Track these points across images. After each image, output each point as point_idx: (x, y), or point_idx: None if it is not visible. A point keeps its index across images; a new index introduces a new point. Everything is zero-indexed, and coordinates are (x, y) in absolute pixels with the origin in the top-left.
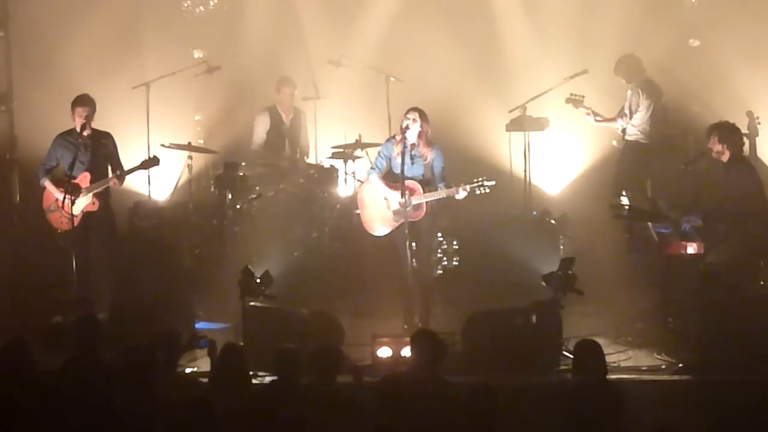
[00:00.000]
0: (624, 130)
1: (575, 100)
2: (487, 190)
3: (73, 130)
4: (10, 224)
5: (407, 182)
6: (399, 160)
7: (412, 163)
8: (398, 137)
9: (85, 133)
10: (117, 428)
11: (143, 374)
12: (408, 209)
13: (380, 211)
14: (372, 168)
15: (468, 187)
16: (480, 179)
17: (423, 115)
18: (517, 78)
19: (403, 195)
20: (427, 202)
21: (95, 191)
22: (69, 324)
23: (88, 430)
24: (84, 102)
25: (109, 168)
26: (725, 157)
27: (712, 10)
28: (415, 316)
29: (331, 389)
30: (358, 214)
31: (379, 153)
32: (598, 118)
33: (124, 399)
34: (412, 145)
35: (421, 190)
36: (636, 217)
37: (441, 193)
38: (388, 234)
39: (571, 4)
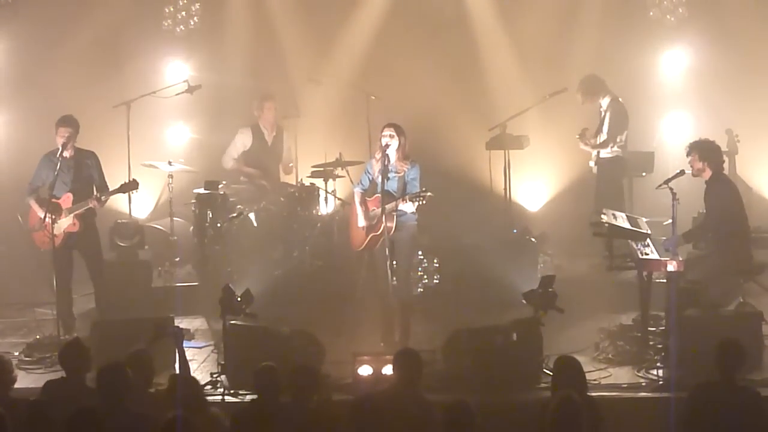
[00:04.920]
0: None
1: (582, 135)
2: (424, 201)
3: (57, 149)
4: None
5: (374, 197)
6: (378, 177)
7: (388, 179)
8: (378, 155)
9: (67, 154)
10: None
11: (116, 392)
12: (373, 223)
13: (356, 227)
14: (356, 185)
15: (407, 198)
16: (418, 191)
17: (399, 130)
18: (497, 96)
19: (374, 209)
20: (399, 220)
21: (76, 212)
22: (49, 344)
23: None
24: (67, 122)
25: (94, 188)
26: (706, 175)
27: (690, 28)
28: (394, 334)
29: (310, 407)
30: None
31: (365, 170)
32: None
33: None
34: (389, 160)
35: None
36: (616, 235)
37: (391, 205)
38: (369, 252)
39: (551, 22)
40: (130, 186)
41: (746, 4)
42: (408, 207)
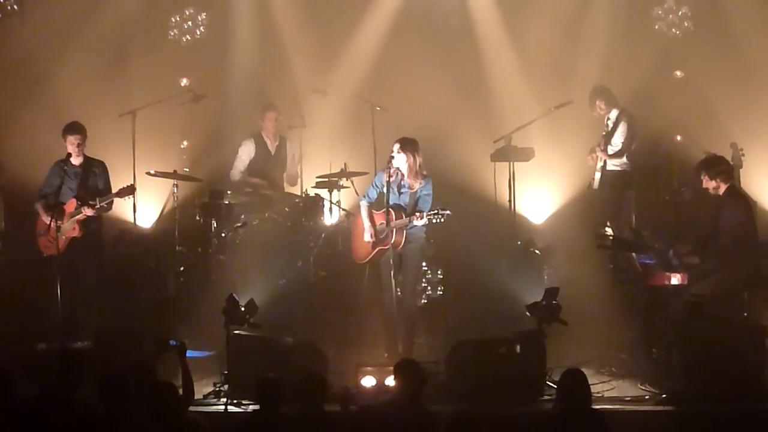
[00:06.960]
0: (605, 161)
1: (593, 150)
2: (442, 220)
3: (67, 157)
4: None
5: (382, 211)
6: (386, 189)
7: (400, 193)
8: (388, 168)
9: (76, 161)
10: None
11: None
12: (381, 237)
13: (361, 240)
14: (362, 197)
15: (425, 215)
16: (437, 209)
17: (407, 146)
18: (503, 108)
19: (382, 223)
20: (409, 232)
21: (75, 218)
22: (52, 352)
23: None
24: (76, 130)
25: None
26: (722, 190)
27: (695, 42)
28: (398, 345)
29: (314, 418)
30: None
31: (372, 183)
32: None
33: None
34: (402, 175)
35: (394, 218)
36: (620, 248)
37: (405, 221)
38: (374, 263)
39: (557, 35)
40: (126, 191)
41: (752, 18)
42: (420, 222)
